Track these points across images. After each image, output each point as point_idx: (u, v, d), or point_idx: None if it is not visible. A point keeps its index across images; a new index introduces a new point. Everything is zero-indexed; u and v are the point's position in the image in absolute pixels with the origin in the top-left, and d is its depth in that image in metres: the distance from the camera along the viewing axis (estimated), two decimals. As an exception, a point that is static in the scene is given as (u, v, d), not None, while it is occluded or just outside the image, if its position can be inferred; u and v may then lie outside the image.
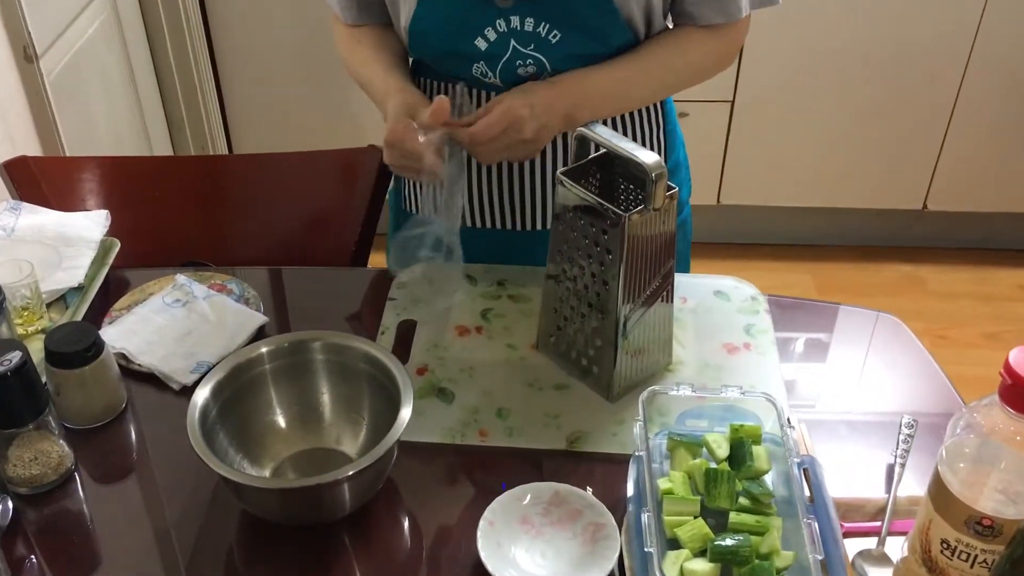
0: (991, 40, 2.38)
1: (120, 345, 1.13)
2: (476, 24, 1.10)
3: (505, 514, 0.92)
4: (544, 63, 1.13)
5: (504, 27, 1.10)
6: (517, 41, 1.11)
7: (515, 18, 1.09)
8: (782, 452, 0.91)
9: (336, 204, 1.53)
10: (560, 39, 1.11)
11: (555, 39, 1.11)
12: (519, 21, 1.10)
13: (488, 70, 1.14)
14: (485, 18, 1.10)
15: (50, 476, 0.98)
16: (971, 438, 0.74)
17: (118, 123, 2.23)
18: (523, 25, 1.10)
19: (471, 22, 1.10)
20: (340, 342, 1.01)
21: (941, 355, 1.15)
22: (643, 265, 1.01)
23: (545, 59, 1.12)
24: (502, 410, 1.06)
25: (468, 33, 1.11)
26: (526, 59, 1.12)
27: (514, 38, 1.10)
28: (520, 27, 1.10)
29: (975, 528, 0.73)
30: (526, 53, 1.12)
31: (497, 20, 1.10)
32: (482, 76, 1.15)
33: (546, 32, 1.10)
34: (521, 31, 1.10)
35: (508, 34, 1.10)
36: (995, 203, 2.65)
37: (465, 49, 1.12)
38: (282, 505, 0.92)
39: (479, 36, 1.11)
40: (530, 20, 1.10)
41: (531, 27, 1.10)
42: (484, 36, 1.11)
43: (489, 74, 1.15)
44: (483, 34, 1.11)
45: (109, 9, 2.18)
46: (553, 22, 1.10)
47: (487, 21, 1.10)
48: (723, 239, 2.78)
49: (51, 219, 1.29)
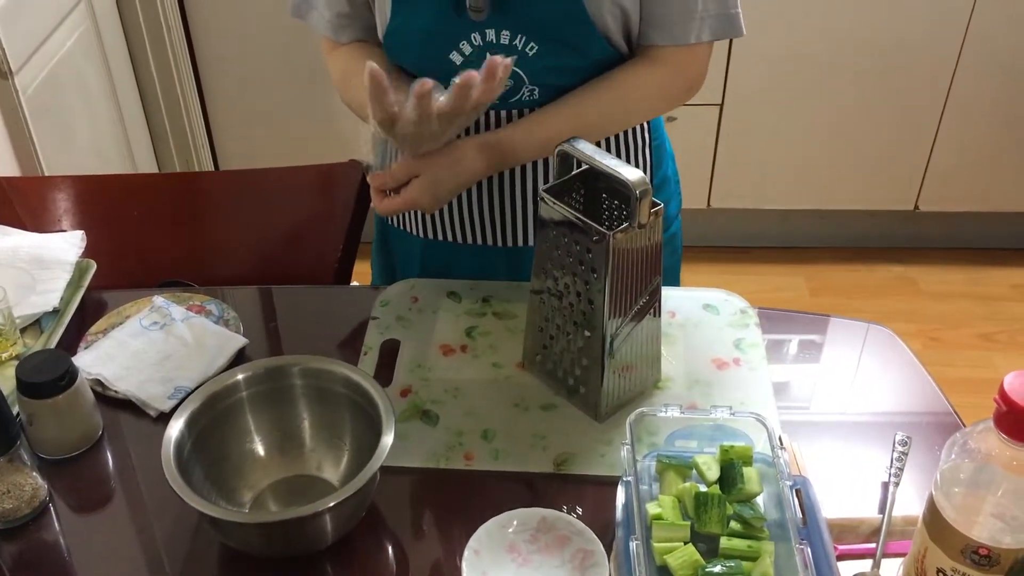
0: (980, 39, 2.36)
1: (96, 371, 1.10)
2: (451, 37, 1.08)
3: (491, 542, 0.90)
4: (523, 77, 1.11)
5: (480, 40, 1.08)
6: (493, 55, 1.08)
7: (490, 31, 1.07)
8: (773, 473, 0.89)
9: (318, 219, 1.51)
10: (537, 51, 1.08)
11: (532, 52, 1.08)
12: (495, 34, 1.07)
13: None
14: (460, 31, 1.07)
15: (24, 510, 0.96)
16: (966, 463, 0.72)
17: (100, 138, 2.20)
18: (499, 38, 1.07)
19: (445, 35, 1.08)
20: (319, 366, 0.99)
21: (934, 357, 1.14)
22: (629, 282, 0.99)
23: (523, 73, 1.10)
24: (488, 432, 1.04)
25: (442, 46, 1.09)
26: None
27: (490, 52, 1.07)
28: (496, 40, 1.08)
29: (972, 558, 0.71)
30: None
31: (472, 33, 1.07)
32: None
33: (523, 45, 1.08)
34: (497, 44, 1.08)
35: (484, 47, 1.08)
36: (987, 203, 2.64)
37: (440, 63, 1.10)
38: (262, 538, 0.90)
39: (454, 50, 1.09)
40: (506, 33, 1.07)
41: (507, 40, 1.08)
42: (459, 50, 1.09)
43: None
44: (458, 48, 1.09)
45: (88, 22, 2.15)
46: (529, 34, 1.07)
47: (462, 34, 1.08)
48: (714, 243, 2.77)
49: (25, 241, 1.26)
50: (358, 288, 1.45)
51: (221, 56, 2.49)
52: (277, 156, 1.73)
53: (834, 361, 1.17)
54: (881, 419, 1.08)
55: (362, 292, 1.29)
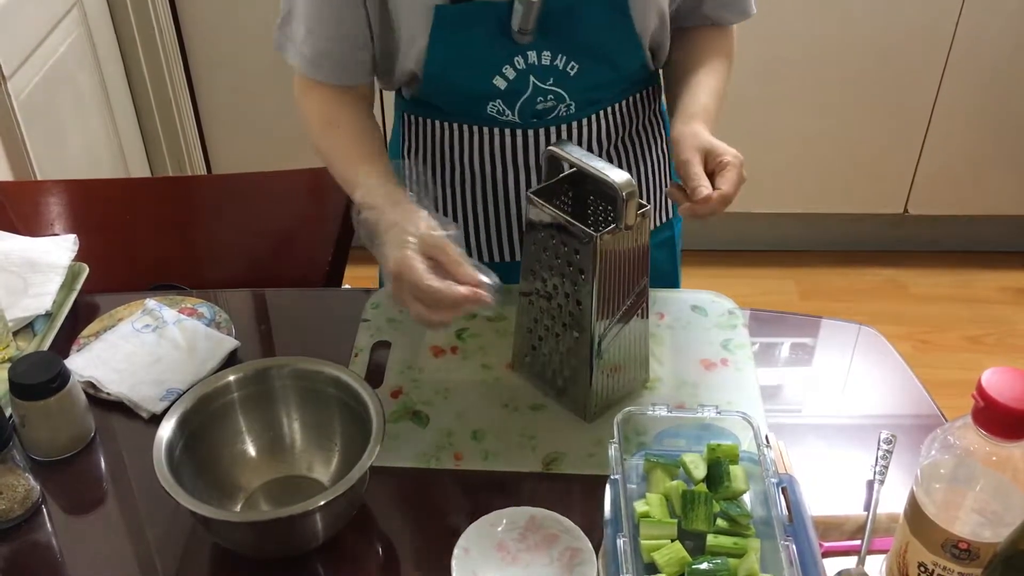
0: (968, 44, 2.38)
1: (88, 373, 1.11)
2: (495, 62, 1.08)
3: (480, 541, 0.91)
4: (564, 96, 1.12)
5: (523, 63, 1.08)
6: (536, 77, 1.09)
7: (532, 53, 1.07)
8: (760, 471, 0.90)
9: (309, 222, 1.52)
10: (578, 70, 1.10)
11: (573, 71, 1.10)
12: (536, 56, 1.08)
13: (506, 108, 1.12)
14: (504, 55, 1.07)
15: (16, 511, 0.96)
16: (946, 459, 0.73)
17: (92, 143, 2.21)
18: (540, 59, 1.08)
19: (490, 60, 1.08)
20: (309, 368, 0.99)
21: (923, 359, 1.15)
22: (616, 283, 1.00)
23: (564, 92, 1.12)
24: (477, 432, 1.05)
25: (486, 72, 1.09)
26: (546, 94, 1.11)
27: (533, 74, 1.09)
28: (538, 62, 1.08)
29: (952, 552, 0.72)
30: (546, 88, 1.10)
31: (516, 57, 1.07)
32: (497, 114, 1.13)
33: (564, 65, 1.09)
34: (539, 65, 1.08)
35: (527, 70, 1.08)
36: (975, 206, 2.66)
37: (483, 88, 1.10)
38: (253, 538, 0.91)
39: (497, 75, 1.09)
40: (547, 54, 1.08)
41: (548, 60, 1.08)
42: (502, 75, 1.09)
43: (507, 112, 1.13)
44: (501, 72, 1.09)
45: (81, 27, 2.15)
46: (571, 54, 1.08)
47: (506, 58, 1.07)
48: (704, 247, 2.78)
49: (17, 245, 1.27)
50: (349, 291, 1.46)
51: (213, 60, 2.49)
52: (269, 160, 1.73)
53: (822, 362, 1.18)
54: (867, 420, 1.09)
55: (353, 295, 1.29)
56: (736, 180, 1.02)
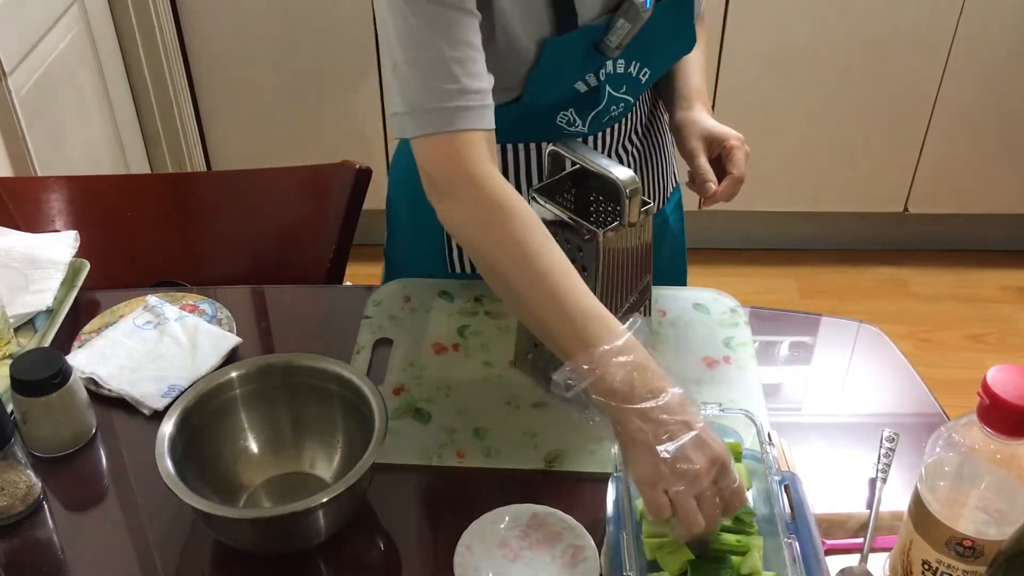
0: (969, 42, 2.38)
1: (90, 370, 1.11)
2: (582, 72, 1.07)
3: (483, 538, 0.91)
4: (630, 103, 1.13)
5: (603, 74, 1.08)
6: (612, 86, 1.10)
7: (610, 63, 1.08)
8: (762, 469, 0.90)
9: (310, 220, 1.51)
10: (649, 76, 1.11)
11: (645, 77, 1.11)
12: (612, 65, 1.08)
13: (577, 118, 1.12)
14: (590, 66, 1.07)
15: (18, 507, 0.96)
16: (950, 456, 0.73)
17: (92, 139, 2.20)
18: (616, 67, 1.08)
19: (580, 72, 1.07)
20: (311, 364, 0.99)
21: (924, 358, 1.15)
22: (619, 280, 1.00)
23: (632, 99, 1.13)
24: (479, 429, 1.05)
25: (573, 81, 1.08)
26: (619, 103, 1.12)
27: (609, 84, 1.09)
28: (614, 70, 1.08)
29: (956, 549, 0.72)
30: (618, 96, 1.11)
31: (599, 69, 1.07)
32: (567, 125, 1.12)
33: (637, 72, 1.10)
34: (615, 74, 1.09)
35: (605, 81, 1.09)
36: (976, 205, 2.65)
37: (566, 93, 1.09)
38: (256, 535, 0.90)
39: (580, 80, 1.08)
40: (621, 62, 1.08)
41: (622, 68, 1.09)
42: (585, 81, 1.08)
43: (577, 122, 1.12)
44: (584, 79, 1.08)
45: (81, 24, 2.15)
46: (644, 61, 1.09)
47: (591, 68, 1.07)
48: (704, 245, 2.77)
49: (18, 241, 1.27)
50: (351, 288, 1.46)
51: (213, 57, 2.49)
52: (269, 157, 1.73)
53: (824, 360, 1.18)
54: (870, 417, 1.09)
55: (355, 292, 1.29)
56: (743, 160, 1.08)
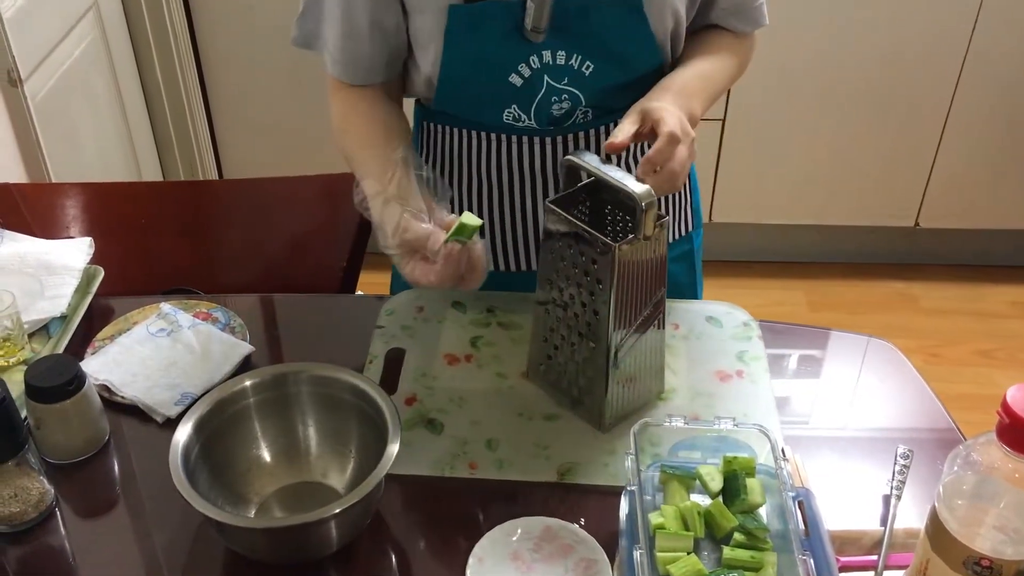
0: (981, 56, 2.38)
1: (103, 377, 1.11)
2: (509, 61, 1.08)
3: (495, 550, 0.91)
4: (579, 97, 1.12)
5: (537, 63, 1.08)
6: (551, 77, 1.09)
7: (547, 53, 1.08)
8: (776, 484, 0.89)
9: (323, 229, 1.52)
10: (593, 70, 1.10)
11: (588, 71, 1.10)
12: (551, 55, 1.08)
13: (521, 112, 1.12)
14: (518, 55, 1.07)
15: (31, 513, 0.96)
16: (969, 475, 0.73)
17: (106, 146, 2.21)
18: (555, 59, 1.08)
19: (503, 60, 1.08)
20: (325, 374, 0.99)
21: (934, 373, 1.14)
22: (634, 293, 1.00)
23: (580, 93, 1.11)
24: (492, 441, 1.04)
25: (501, 71, 1.09)
26: (561, 95, 1.11)
27: (547, 74, 1.09)
28: (552, 61, 1.08)
29: (974, 569, 0.72)
30: (560, 88, 1.10)
31: (530, 56, 1.08)
32: (515, 121, 1.13)
33: (579, 64, 1.09)
34: (554, 65, 1.09)
35: (541, 70, 1.09)
36: (987, 220, 2.65)
37: (499, 90, 1.10)
38: (268, 544, 0.90)
39: (513, 73, 1.09)
40: (562, 53, 1.08)
41: (563, 60, 1.08)
42: (518, 72, 1.09)
43: (523, 117, 1.13)
44: (517, 71, 1.09)
45: (96, 31, 2.16)
46: (585, 53, 1.08)
47: (520, 57, 1.08)
48: (714, 257, 2.76)
49: (33, 247, 1.27)
50: (363, 297, 1.46)
51: (226, 65, 2.50)
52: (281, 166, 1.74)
53: (835, 375, 1.17)
54: (882, 432, 1.08)
55: (367, 301, 1.29)
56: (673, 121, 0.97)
